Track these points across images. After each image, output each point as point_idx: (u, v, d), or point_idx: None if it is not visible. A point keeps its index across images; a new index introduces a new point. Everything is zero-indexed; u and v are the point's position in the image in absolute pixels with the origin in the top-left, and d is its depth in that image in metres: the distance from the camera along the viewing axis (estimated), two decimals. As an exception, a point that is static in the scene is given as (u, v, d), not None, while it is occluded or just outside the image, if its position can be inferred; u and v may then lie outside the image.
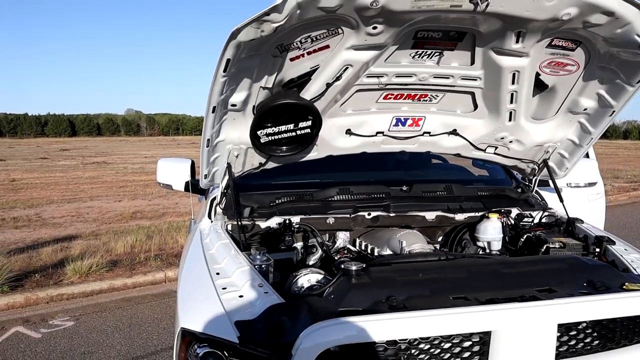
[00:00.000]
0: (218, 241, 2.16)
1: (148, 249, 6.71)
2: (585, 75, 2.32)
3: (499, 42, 2.09)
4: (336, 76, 2.15)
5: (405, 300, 1.59)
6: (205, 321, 1.63)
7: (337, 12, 1.77)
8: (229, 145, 2.38)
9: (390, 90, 2.39)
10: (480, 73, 2.31)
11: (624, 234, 8.30)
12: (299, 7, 1.65)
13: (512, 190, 3.01)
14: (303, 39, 1.93)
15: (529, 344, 1.49)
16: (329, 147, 2.59)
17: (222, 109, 2.12)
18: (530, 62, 2.21)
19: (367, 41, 1.99)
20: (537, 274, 1.86)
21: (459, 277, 1.81)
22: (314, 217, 2.53)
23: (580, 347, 1.65)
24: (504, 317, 1.48)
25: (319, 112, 2.28)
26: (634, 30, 1.90)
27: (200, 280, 1.89)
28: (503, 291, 1.67)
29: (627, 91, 2.26)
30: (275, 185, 2.82)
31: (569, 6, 1.83)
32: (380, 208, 2.62)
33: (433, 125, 2.61)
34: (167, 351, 3.85)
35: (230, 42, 1.68)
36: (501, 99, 2.42)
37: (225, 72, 1.84)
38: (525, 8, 1.83)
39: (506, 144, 2.74)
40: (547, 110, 2.57)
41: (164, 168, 3.11)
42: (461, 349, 1.52)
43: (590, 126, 2.57)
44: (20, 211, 10.69)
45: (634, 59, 2.06)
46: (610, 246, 2.30)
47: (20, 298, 4.87)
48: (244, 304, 1.66)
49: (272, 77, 2.11)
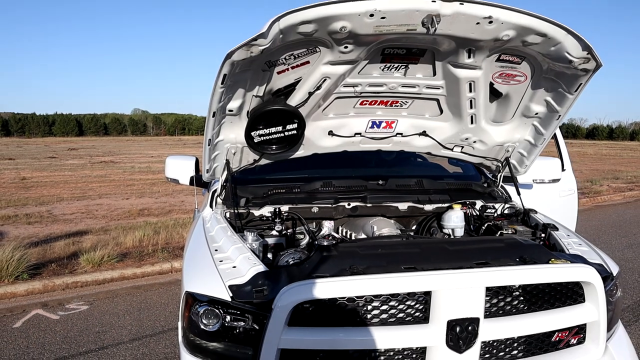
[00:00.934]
0: (217, 225, 2.56)
1: (155, 242, 7.10)
2: (533, 85, 2.70)
3: (454, 57, 2.47)
4: (316, 86, 2.55)
5: (364, 269, 1.97)
6: (205, 285, 2.03)
7: (314, 35, 2.17)
8: (227, 145, 2.78)
9: (366, 97, 2.79)
10: (442, 83, 2.69)
11: (612, 232, 8.66)
12: (281, 32, 2.04)
13: (478, 185, 3.39)
14: (287, 56, 2.33)
15: (461, 302, 1.87)
16: (314, 146, 3.00)
17: (221, 113, 2.53)
18: (483, 73, 2.59)
19: (341, 57, 2.38)
20: (478, 251, 2.24)
21: (412, 252, 2.19)
22: (300, 207, 2.93)
23: (509, 308, 2.04)
24: (441, 280, 1.86)
25: (303, 116, 2.68)
26: (564, 48, 2.28)
27: (202, 255, 2.29)
28: (446, 263, 2.05)
29: (568, 98, 2.63)
30: (267, 179, 3.22)
31: (507, 29, 2.21)
32: (358, 199, 3.02)
33: (405, 127, 3.00)
34: (173, 331, 4.25)
35: (226, 61, 2.08)
36: (462, 104, 2.81)
37: (222, 84, 2.24)
38: (470, 31, 2.21)
39: (470, 143, 3.13)
40: (505, 114, 2.95)
41: (171, 164, 3.52)
42: (407, 306, 1.90)
43: (542, 128, 2.94)
44: (32, 208, 11.09)
45: (569, 72, 2.44)
46: (554, 232, 2.67)
47: (38, 285, 5.29)
48: (235, 272, 2.06)
49: (262, 87, 2.51)
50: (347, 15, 2.04)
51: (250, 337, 1.91)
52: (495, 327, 1.94)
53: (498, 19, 2.13)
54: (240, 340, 1.93)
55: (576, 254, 2.36)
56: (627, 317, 4.60)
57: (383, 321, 1.90)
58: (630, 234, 8.38)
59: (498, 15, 2.12)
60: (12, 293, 5.14)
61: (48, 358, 3.75)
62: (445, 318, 1.86)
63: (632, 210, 11.42)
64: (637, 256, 6.82)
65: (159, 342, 4.04)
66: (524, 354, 2.08)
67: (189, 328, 2.03)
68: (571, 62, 2.31)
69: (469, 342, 1.88)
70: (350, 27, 2.10)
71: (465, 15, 2.10)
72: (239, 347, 1.93)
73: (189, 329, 2.03)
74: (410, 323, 1.91)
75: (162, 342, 4.03)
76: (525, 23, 2.17)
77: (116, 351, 3.87)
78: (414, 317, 1.91)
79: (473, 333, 1.88)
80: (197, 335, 1.99)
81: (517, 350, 2.06)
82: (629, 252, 7.05)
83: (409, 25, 2.14)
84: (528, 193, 4.16)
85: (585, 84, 2.48)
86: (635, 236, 8.23)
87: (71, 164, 25.02)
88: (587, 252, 2.43)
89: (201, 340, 1.98)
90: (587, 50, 2.23)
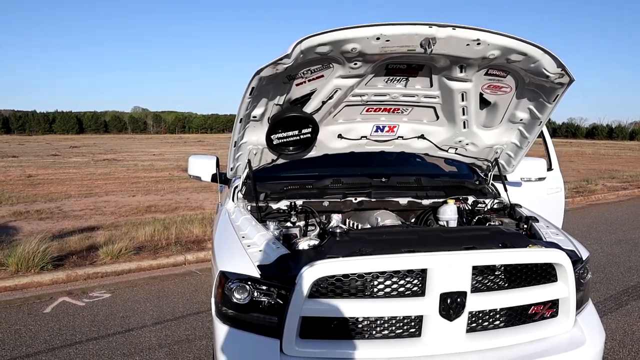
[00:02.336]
0: (242, 216, 2.95)
1: (167, 237, 7.45)
2: (517, 95, 3.08)
3: (448, 72, 2.86)
4: (329, 96, 2.94)
5: (371, 251, 2.36)
6: (236, 266, 2.41)
7: (329, 55, 2.55)
8: (250, 146, 3.17)
9: (371, 105, 3.18)
10: (438, 93, 3.08)
11: (603, 229, 9.05)
12: (301, 53, 2.43)
13: (471, 182, 3.79)
14: (305, 71, 2.72)
15: (451, 279, 2.25)
16: (325, 147, 3.39)
17: (246, 120, 2.91)
18: (473, 85, 2.98)
19: (350, 72, 2.77)
20: (467, 238, 2.63)
21: (411, 238, 2.58)
22: (313, 201, 3.32)
23: (491, 285, 2.42)
24: (435, 260, 2.24)
25: (317, 122, 3.07)
26: (542, 65, 2.66)
27: (231, 241, 2.67)
28: (440, 247, 2.43)
29: (548, 107, 3.02)
30: (284, 177, 3.61)
31: (492, 49, 2.59)
32: (364, 194, 3.41)
33: (405, 131, 3.39)
34: (191, 316, 4.64)
35: (255, 76, 2.46)
36: (455, 112, 3.19)
37: (250, 95, 2.62)
38: (461, 51, 2.59)
39: (463, 145, 3.52)
40: (493, 120, 3.33)
41: (194, 163, 3.90)
42: (406, 281, 2.29)
43: (526, 132, 3.33)
44: (42, 204, 11.39)
45: (547, 85, 2.82)
46: (535, 223, 3.06)
47: (62, 275, 5.68)
48: (263, 255, 2.44)
49: (283, 97, 2.89)
50: (357, 39, 2.43)
51: (274, 308, 2.29)
52: (480, 300, 2.33)
53: (485, 41, 2.52)
54: (266, 311, 2.31)
55: (551, 241, 2.75)
56: (609, 305, 5.00)
57: (387, 294, 2.29)
58: (619, 231, 8.78)
59: (485, 38, 2.50)
60: (39, 282, 5.52)
61: (80, 339, 4.13)
62: (438, 291, 2.24)
63: (624, 208, 11.80)
64: (624, 252, 7.23)
65: (179, 325, 4.42)
66: (505, 324, 2.47)
67: (222, 302, 2.41)
68: (548, 77, 2.69)
69: (458, 312, 2.27)
70: (360, 48, 2.49)
71: (457, 38, 2.48)
72: (266, 316, 2.31)
73: (222, 302, 2.40)
74: (409, 296, 2.29)
75: (183, 325, 4.42)
76: (508, 44, 2.56)
77: (141, 333, 4.25)
78: (412, 291, 2.29)
79: (461, 304, 2.26)
80: (230, 307, 2.37)
81: (499, 320, 2.45)
82: (617, 248, 7.45)
83: (410, 46, 2.52)
84: (518, 190, 4.56)
85: (561, 95, 2.87)
86: (624, 233, 8.62)
87: (75, 162, 25.35)
88: (562, 240, 2.82)
89: (233, 312, 2.36)
90: (561, 67, 2.62)
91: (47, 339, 4.11)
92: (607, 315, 4.70)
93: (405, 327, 2.33)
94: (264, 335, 2.28)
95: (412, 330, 2.33)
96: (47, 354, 3.85)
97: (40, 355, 3.83)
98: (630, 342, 4.10)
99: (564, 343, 2.48)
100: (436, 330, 2.29)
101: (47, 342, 4.07)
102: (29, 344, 4.03)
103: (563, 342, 2.49)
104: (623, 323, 4.49)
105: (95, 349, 3.93)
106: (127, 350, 3.92)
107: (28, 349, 3.94)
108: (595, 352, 2.48)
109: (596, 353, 2.49)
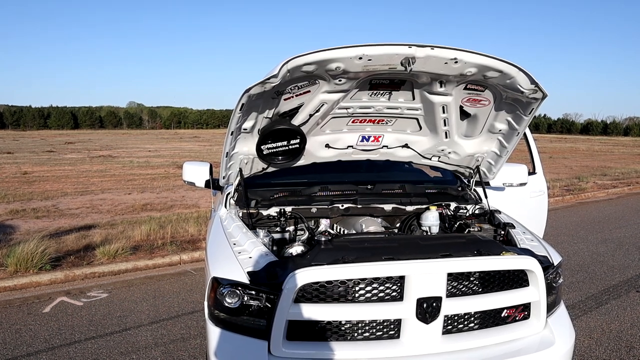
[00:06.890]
0: (233, 223, 3.10)
1: (162, 236, 7.59)
2: (496, 107, 3.24)
3: (428, 86, 3.01)
4: (316, 109, 3.09)
5: (354, 259, 2.52)
6: (228, 272, 2.57)
7: (314, 72, 2.70)
8: (241, 156, 3.32)
9: (356, 117, 3.33)
10: (420, 105, 3.23)
11: (590, 227, 9.25)
12: (288, 72, 2.58)
13: (453, 189, 3.95)
14: (292, 87, 2.87)
15: (428, 284, 2.42)
16: (313, 156, 3.54)
17: (237, 132, 3.06)
18: (453, 99, 3.13)
19: (336, 87, 2.92)
20: (444, 245, 2.80)
21: (391, 246, 2.75)
22: (301, 207, 3.48)
23: (466, 290, 2.59)
24: (412, 267, 2.40)
25: (304, 133, 3.22)
26: (516, 82, 2.82)
27: (223, 247, 2.82)
28: (418, 255, 2.59)
29: (524, 119, 3.18)
30: (274, 184, 3.77)
31: (469, 67, 2.74)
32: (350, 201, 3.57)
33: (390, 141, 3.55)
34: (187, 315, 4.79)
35: (244, 94, 2.61)
36: (437, 123, 3.35)
37: (240, 110, 2.77)
38: (440, 69, 2.75)
39: (446, 154, 3.68)
40: (474, 130, 3.50)
41: (188, 169, 4.05)
42: (386, 287, 2.45)
43: (505, 142, 3.49)
44: (38, 202, 11.46)
45: (523, 99, 2.98)
46: (511, 229, 3.23)
47: (60, 275, 5.82)
48: (252, 261, 2.60)
49: (271, 111, 3.04)
50: (341, 59, 2.58)
51: (263, 312, 2.45)
52: (455, 304, 2.50)
53: (462, 60, 2.67)
54: (255, 315, 2.47)
55: (525, 248, 2.92)
56: (590, 304, 5.19)
57: (367, 299, 2.45)
58: (606, 230, 8.98)
59: (462, 57, 2.66)
60: (37, 282, 5.66)
61: (79, 338, 4.28)
62: (415, 296, 2.41)
63: (612, 207, 12.00)
64: (609, 251, 7.42)
65: (175, 324, 4.58)
66: (479, 326, 2.64)
67: (214, 305, 2.56)
68: (523, 92, 2.86)
69: (434, 316, 2.43)
70: (344, 66, 2.64)
71: (435, 57, 2.64)
72: (254, 319, 2.47)
73: (214, 306, 2.56)
74: (388, 301, 2.46)
75: (178, 324, 4.58)
76: (484, 62, 2.71)
77: (138, 332, 4.41)
78: (391, 296, 2.46)
79: (437, 308, 2.43)
80: (221, 311, 2.53)
81: (473, 323, 2.63)
82: (602, 247, 7.65)
83: (391, 65, 2.68)
84: (501, 194, 4.74)
85: (536, 109, 3.03)
86: (610, 232, 8.82)
87: (70, 158, 25.39)
88: (536, 247, 2.99)
89: (225, 315, 2.52)
90: (534, 84, 2.78)
91: (47, 338, 4.26)
92: (587, 314, 4.89)
93: (385, 330, 2.50)
94: (253, 337, 2.44)
95: (391, 332, 2.50)
96: (47, 352, 4.00)
97: (41, 354, 3.98)
98: (607, 340, 4.29)
99: (534, 344, 2.66)
100: (414, 333, 2.45)
101: (47, 341, 4.22)
102: (29, 343, 4.18)
103: (534, 343, 2.66)
104: (602, 322, 4.67)
105: (93, 348, 4.09)
106: (124, 349, 4.07)
107: (29, 348, 4.09)
108: (564, 352, 2.66)
109: (565, 352, 2.66)
